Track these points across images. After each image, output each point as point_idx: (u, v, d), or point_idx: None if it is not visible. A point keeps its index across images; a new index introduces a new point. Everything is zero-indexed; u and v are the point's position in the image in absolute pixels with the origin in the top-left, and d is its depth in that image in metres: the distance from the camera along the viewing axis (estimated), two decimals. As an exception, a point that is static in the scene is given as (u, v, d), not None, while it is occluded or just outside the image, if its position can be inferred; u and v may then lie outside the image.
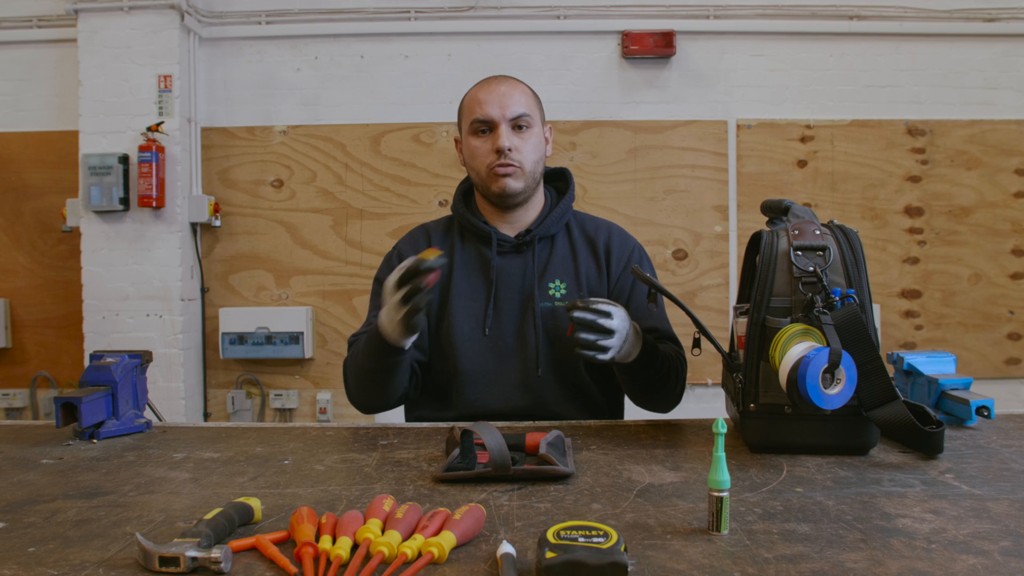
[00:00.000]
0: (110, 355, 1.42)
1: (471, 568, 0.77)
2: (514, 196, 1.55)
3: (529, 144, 1.53)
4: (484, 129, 1.53)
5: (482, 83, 1.58)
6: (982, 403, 1.32)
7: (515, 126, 1.53)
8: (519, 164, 1.52)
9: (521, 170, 1.53)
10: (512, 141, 1.51)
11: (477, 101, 1.54)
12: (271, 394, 3.88)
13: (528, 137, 1.54)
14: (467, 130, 1.56)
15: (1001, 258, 3.85)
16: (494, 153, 1.51)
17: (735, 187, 3.84)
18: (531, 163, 1.54)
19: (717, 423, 0.86)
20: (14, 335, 3.90)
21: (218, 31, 3.82)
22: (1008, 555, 0.79)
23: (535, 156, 1.55)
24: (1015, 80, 3.82)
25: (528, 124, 1.54)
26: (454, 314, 1.55)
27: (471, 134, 1.55)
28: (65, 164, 3.77)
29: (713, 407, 3.68)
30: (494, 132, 1.52)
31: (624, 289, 1.59)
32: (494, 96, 1.53)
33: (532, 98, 1.58)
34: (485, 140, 1.53)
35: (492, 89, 1.54)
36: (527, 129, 1.54)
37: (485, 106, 1.52)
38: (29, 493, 1.03)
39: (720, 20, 3.81)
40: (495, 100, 1.52)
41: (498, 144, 1.50)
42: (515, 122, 1.52)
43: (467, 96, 1.59)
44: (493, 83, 1.56)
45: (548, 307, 1.54)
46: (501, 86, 1.54)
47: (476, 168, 1.56)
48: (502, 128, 1.51)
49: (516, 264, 1.57)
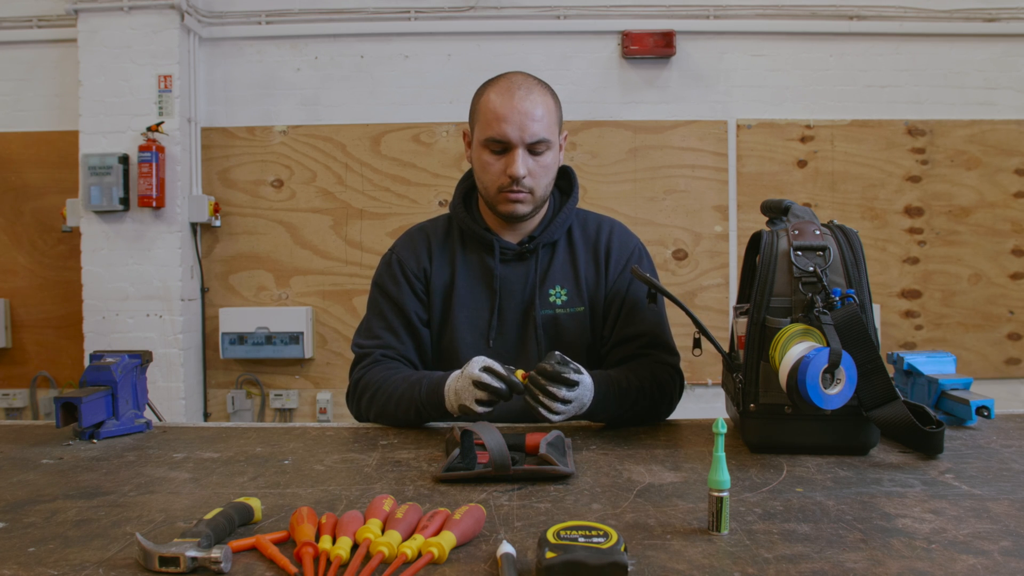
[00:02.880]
0: (110, 355, 1.42)
1: (471, 568, 0.77)
2: (521, 218, 1.51)
3: (544, 168, 1.46)
4: (499, 150, 1.45)
5: (502, 86, 1.46)
6: (982, 403, 1.32)
7: (532, 150, 1.44)
8: (531, 190, 1.46)
9: (532, 195, 1.47)
10: (527, 165, 1.44)
11: (495, 115, 1.43)
12: (271, 394, 3.88)
13: (544, 161, 1.46)
14: (479, 140, 1.47)
15: (1001, 258, 3.85)
16: (506, 176, 1.44)
17: (735, 187, 3.84)
18: (543, 187, 1.48)
19: (717, 423, 0.86)
20: (14, 335, 3.90)
21: (218, 31, 3.82)
22: (1008, 555, 0.79)
23: (548, 179, 1.48)
24: (1015, 80, 3.82)
25: (546, 147, 1.45)
26: (457, 325, 1.52)
27: (483, 147, 1.46)
28: (65, 164, 3.77)
29: (713, 407, 3.68)
30: (509, 154, 1.44)
31: (620, 291, 1.55)
32: (515, 114, 1.41)
33: (553, 110, 1.47)
34: (498, 159, 1.45)
35: (513, 104, 1.42)
36: (544, 153, 1.45)
37: (504, 125, 1.42)
38: (29, 493, 1.03)
39: (720, 20, 3.81)
40: (515, 119, 1.41)
41: (512, 171, 1.43)
42: (532, 147, 1.44)
43: (484, 98, 1.47)
44: (515, 93, 1.43)
45: (549, 315, 1.52)
46: (524, 102, 1.42)
47: (485, 183, 1.49)
48: (519, 153, 1.42)
49: (518, 272, 1.53)
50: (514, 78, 1.47)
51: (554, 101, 1.49)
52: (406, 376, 1.44)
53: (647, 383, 1.41)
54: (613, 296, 1.55)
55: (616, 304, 1.54)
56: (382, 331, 1.53)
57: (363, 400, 1.48)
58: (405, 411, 1.40)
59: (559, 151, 1.52)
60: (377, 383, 1.46)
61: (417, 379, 1.42)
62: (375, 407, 1.45)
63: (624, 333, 1.52)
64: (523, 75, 1.49)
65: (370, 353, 1.52)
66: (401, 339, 1.53)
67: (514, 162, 1.43)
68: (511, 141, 1.42)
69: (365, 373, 1.50)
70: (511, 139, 1.42)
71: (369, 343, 1.53)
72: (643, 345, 1.50)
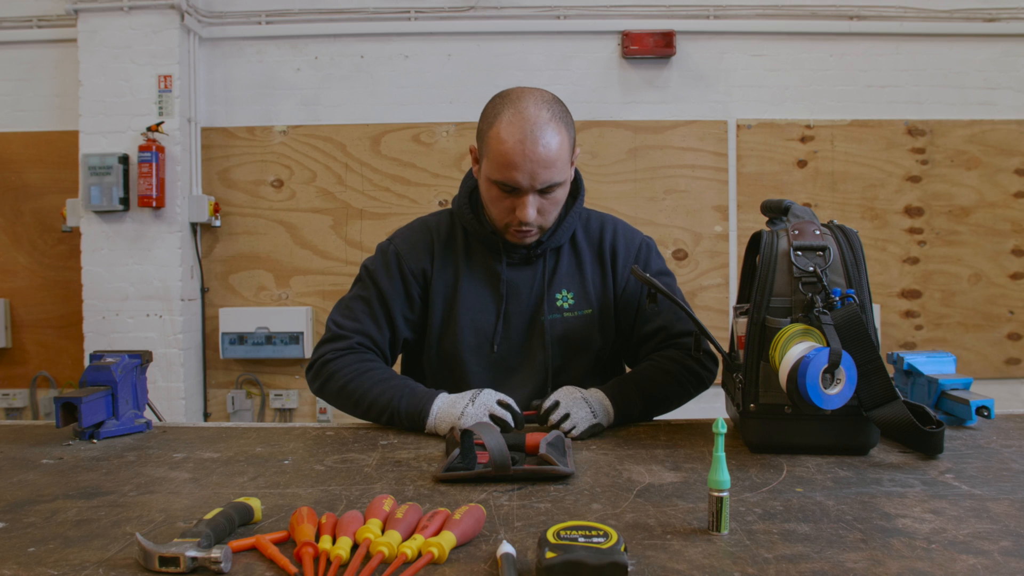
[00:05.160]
0: (110, 355, 1.42)
1: (471, 568, 0.77)
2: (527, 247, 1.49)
3: (554, 203, 1.41)
4: (508, 190, 1.38)
5: (515, 124, 1.34)
6: (982, 403, 1.32)
7: (543, 193, 1.39)
8: (540, 226, 1.43)
9: (540, 230, 1.44)
10: (537, 205, 1.38)
11: (506, 160, 1.33)
12: (271, 394, 3.88)
13: (554, 198, 1.40)
14: (488, 176, 1.40)
15: (1001, 258, 3.85)
16: (514, 215, 1.40)
17: (735, 187, 3.84)
18: (552, 219, 1.44)
19: (717, 423, 0.86)
20: (14, 335, 3.90)
21: (218, 31, 3.82)
22: (1008, 555, 0.79)
23: (557, 211, 1.44)
24: (1015, 80, 3.82)
25: (558, 186, 1.39)
26: (461, 328, 1.50)
27: (491, 183, 1.39)
28: (65, 164, 3.77)
29: (713, 407, 3.66)
30: (519, 197, 1.38)
31: (634, 290, 1.53)
32: (526, 163, 1.33)
33: (566, 146, 1.38)
34: (507, 197, 1.39)
35: (525, 152, 1.32)
36: (555, 191, 1.39)
37: (514, 172, 1.34)
38: (29, 493, 1.03)
39: (720, 20, 3.81)
40: (527, 168, 1.33)
41: (521, 215, 1.38)
42: (544, 191, 1.38)
43: (494, 133, 1.36)
44: (528, 137, 1.33)
45: (557, 318, 1.50)
46: (536, 147, 1.32)
47: (492, 215, 1.45)
48: (529, 199, 1.37)
49: (525, 276, 1.51)
50: (527, 112, 1.34)
51: (567, 133, 1.39)
52: (385, 378, 1.42)
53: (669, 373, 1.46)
54: (629, 296, 1.54)
55: (633, 303, 1.54)
56: (363, 316, 1.50)
57: (329, 383, 1.44)
58: (377, 413, 1.39)
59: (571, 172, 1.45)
60: (349, 374, 1.43)
61: (398, 386, 1.39)
62: (342, 397, 1.43)
63: (644, 330, 1.53)
64: (536, 104, 1.36)
65: (347, 337, 1.48)
66: (381, 330, 1.50)
67: (524, 207, 1.37)
68: (522, 188, 1.36)
69: (338, 357, 1.46)
70: (522, 186, 1.36)
71: (349, 325, 1.49)
72: (664, 339, 1.52)
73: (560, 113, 1.39)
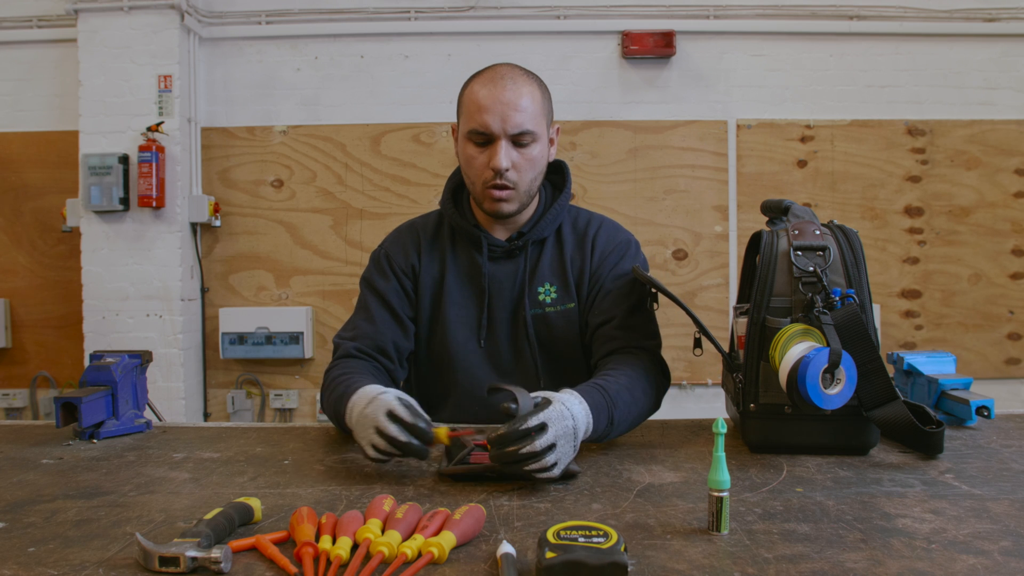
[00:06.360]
0: (110, 355, 1.42)
1: (471, 568, 0.77)
2: (507, 216, 1.47)
3: (529, 161, 1.41)
4: (482, 142, 1.40)
5: (486, 77, 1.42)
6: (982, 403, 1.32)
7: (516, 142, 1.40)
8: (515, 184, 1.41)
9: (516, 191, 1.42)
10: (511, 157, 1.39)
11: (478, 106, 1.38)
12: (271, 394, 3.88)
13: (529, 154, 1.41)
14: (463, 133, 1.43)
15: (1001, 258, 3.85)
16: (489, 169, 1.40)
17: (735, 187, 3.85)
18: (528, 182, 1.43)
19: (717, 423, 0.86)
20: (14, 335, 3.90)
21: (218, 31, 3.82)
22: (1008, 555, 0.79)
23: (533, 174, 1.43)
24: (1015, 80, 3.82)
25: (532, 139, 1.40)
26: (449, 324, 1.49)
27: (468, 140, 1.42)
28: (65, 164, 3.77)
29: (713, 407, 3.67)
30: (492, 146, 1.39)
31: (597, 281, 1.48)
32: (497, 104, 1.37)
33: (539, 101, 1.42)
34: (482, 151, 1.41)
35: (495, 95, 1.38)
36: (529, 145, 1.40)
37: (485, 115, 1.37)
38: (29, 493, 1.03)
39: (720, 20, 3.81)
40: (497, 110, 1.37)
41: (495, 163, 1.38)
42: (516, 138, 1.39)
43: (468, 90, 1.43)
44: (497, 84, 1.39)
45: (539, 313, 1.49)
46: (507, 91, 1.38)
47: (470, 178, 1.45)
48: (501, 145, 1.38)
49: (507, 269, 1.50)
50: (499, 68, 1.43)
51: (541, 92, 1.44)
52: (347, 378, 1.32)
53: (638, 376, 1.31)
54: (590, 287, 1.49)
55: (592, 294, 1.49)
56: (363, 323, 1.49)
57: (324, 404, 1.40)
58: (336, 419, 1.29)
59: (549, 145, 1.47)
60: (329, 380, 1.38)
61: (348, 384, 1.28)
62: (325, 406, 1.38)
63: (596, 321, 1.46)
64: (509, 66, 1.44)
65: (341, 346, 1.47)
66: (378, 328, 1.47)
67: (496, 154, 1.38)
68: (493, 132, 1.38)
69: (330, 368, 1.43)
70: (493, 130, 1.37)
71: (346, 335, 1.49)
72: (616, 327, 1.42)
73: (533, 76, 1.45)
